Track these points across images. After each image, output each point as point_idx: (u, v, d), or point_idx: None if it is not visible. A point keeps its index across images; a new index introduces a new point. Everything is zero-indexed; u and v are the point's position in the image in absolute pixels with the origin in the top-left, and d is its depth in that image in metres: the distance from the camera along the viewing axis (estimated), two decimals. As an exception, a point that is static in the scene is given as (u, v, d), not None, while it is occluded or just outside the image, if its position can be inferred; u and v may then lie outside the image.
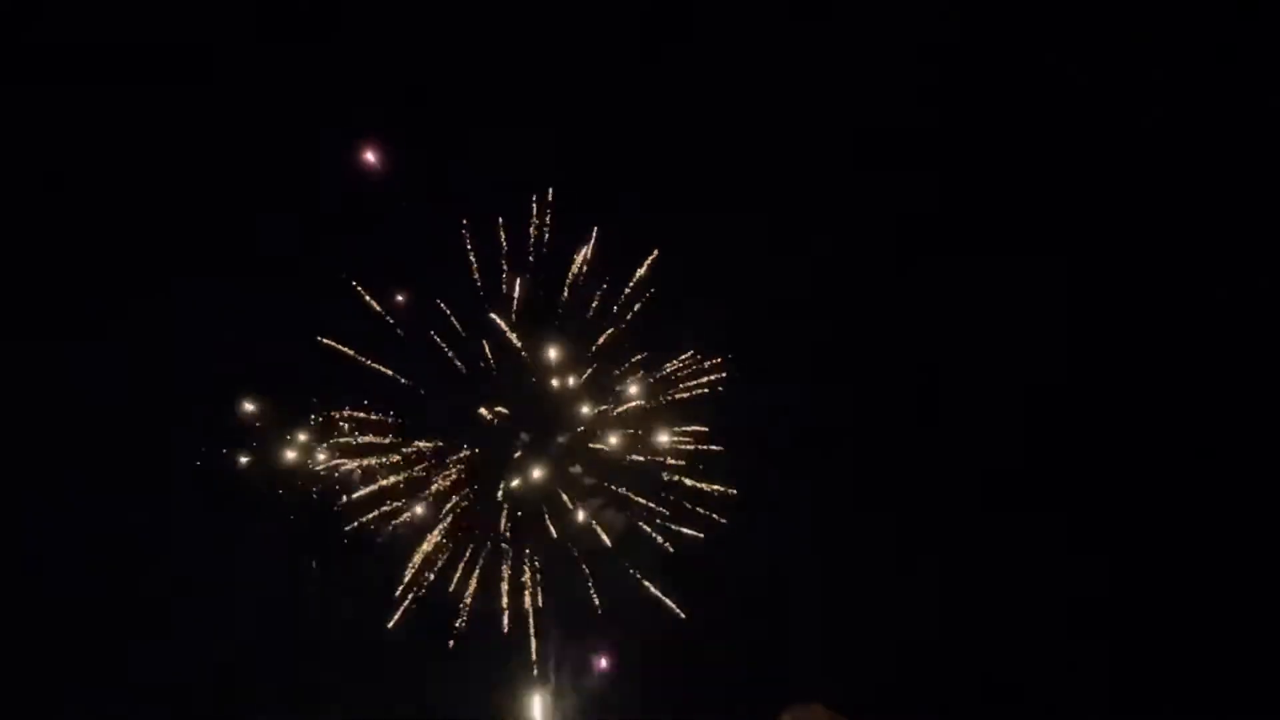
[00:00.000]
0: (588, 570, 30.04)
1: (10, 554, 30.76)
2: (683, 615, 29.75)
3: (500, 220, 30.44)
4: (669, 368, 30.71)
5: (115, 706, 30.26)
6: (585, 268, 30.38)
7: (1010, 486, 31.46)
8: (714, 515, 30.18)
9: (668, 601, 29.85)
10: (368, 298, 30.25)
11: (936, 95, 32.44)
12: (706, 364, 30.50)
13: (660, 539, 30.12)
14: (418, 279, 30.47)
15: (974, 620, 30.63)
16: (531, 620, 29.78)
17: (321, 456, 30.11)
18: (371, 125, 30.80)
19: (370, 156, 30.42)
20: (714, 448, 30.45)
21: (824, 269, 31.44)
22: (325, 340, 29.99)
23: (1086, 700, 30.36)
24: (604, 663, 30.47)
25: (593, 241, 30.44)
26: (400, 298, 30.16)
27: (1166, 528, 31.02)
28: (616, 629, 30.07)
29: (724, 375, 30.25)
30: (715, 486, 30.24)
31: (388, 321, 30.43)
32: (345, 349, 30.10)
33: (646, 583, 29.92)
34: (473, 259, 30.41)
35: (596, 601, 29.95)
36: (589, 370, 30.59)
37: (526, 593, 29.76)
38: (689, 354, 30.64)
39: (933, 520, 31.25)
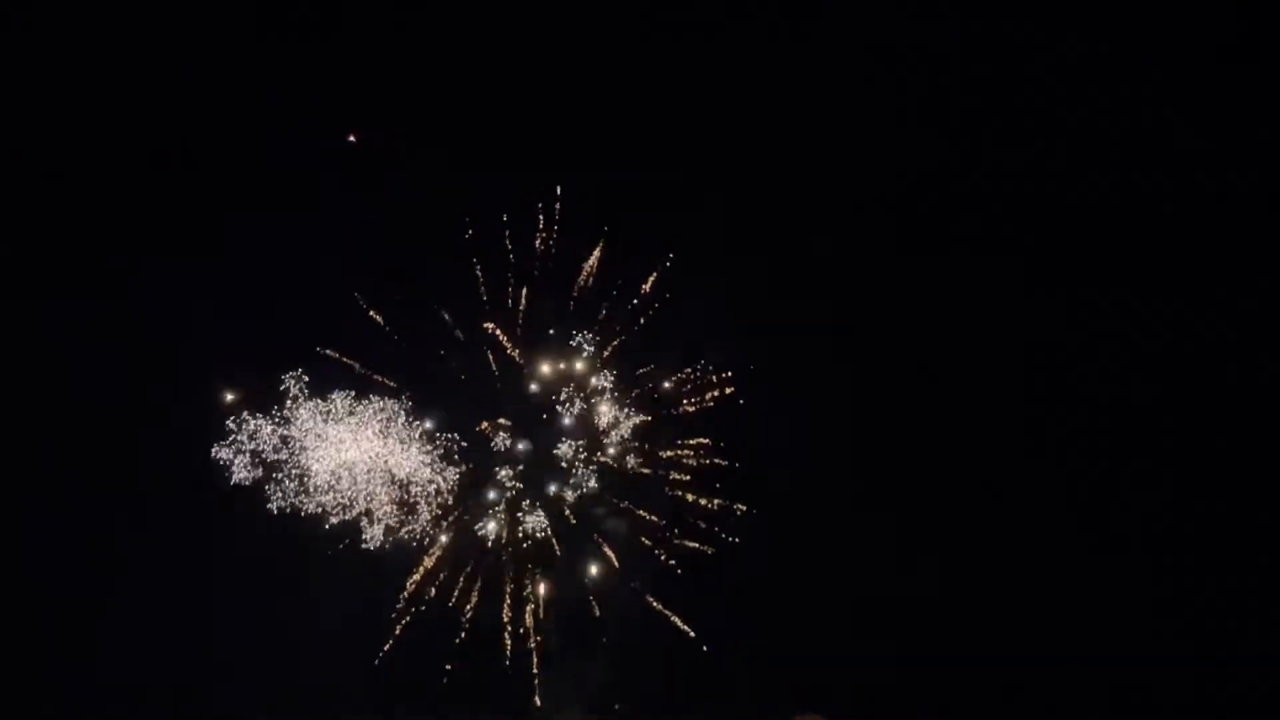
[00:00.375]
0: (590, 583, 30.24)
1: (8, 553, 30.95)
2: (690, 633, 29.87)
3: (505, 229, 30.35)
4: (675, 380, 30.71)
5: (115, 707, 30.42)
6: (591, 278, 30.33)
7: (1011, 492, 31.66)
8: (718, 530, 30.27)
9: (674, 618, 29.96)
10: (369, 309, 30.23)
11: (940, 98, 32.60)
12: (715, 378, 30.50)
13: (663, 554, 30.19)
14: (420, 288, 30.42)
15: (972, 625, 30.84)
16: (532, 632, 29.95)
17: (317, 466, 30.05)
18: (376, 131, 30.88)
19: (355, 140, 30.45)
20: (720, 461, 30.52)
21: (831, 275, 31.70)
22: (326, 351, 30.03)
23: (1086, 700, 30.67)
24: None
25: (599, 249, 30.38)
26: (403, 308, 30.23)
27: (1165, 528, 31.27)
28: (619, 641, 30.19)
29: (731, 390, 30.12)
30: (718, 501, 30.34)
31: (388, 332, 30.43)
32: (346, 359, 30.16)
33: (650, 598, 30.06)
34: (478, 270, 30.49)
35: (599, 613, 30.18)
36: (595, 381, 30.54)
37: (529, 610, 29.89)
38: (696, 366, 30.62)
39: (932, 527, 31.45)
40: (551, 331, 30.82)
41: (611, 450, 30.47)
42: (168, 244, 31.23)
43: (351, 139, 30.49)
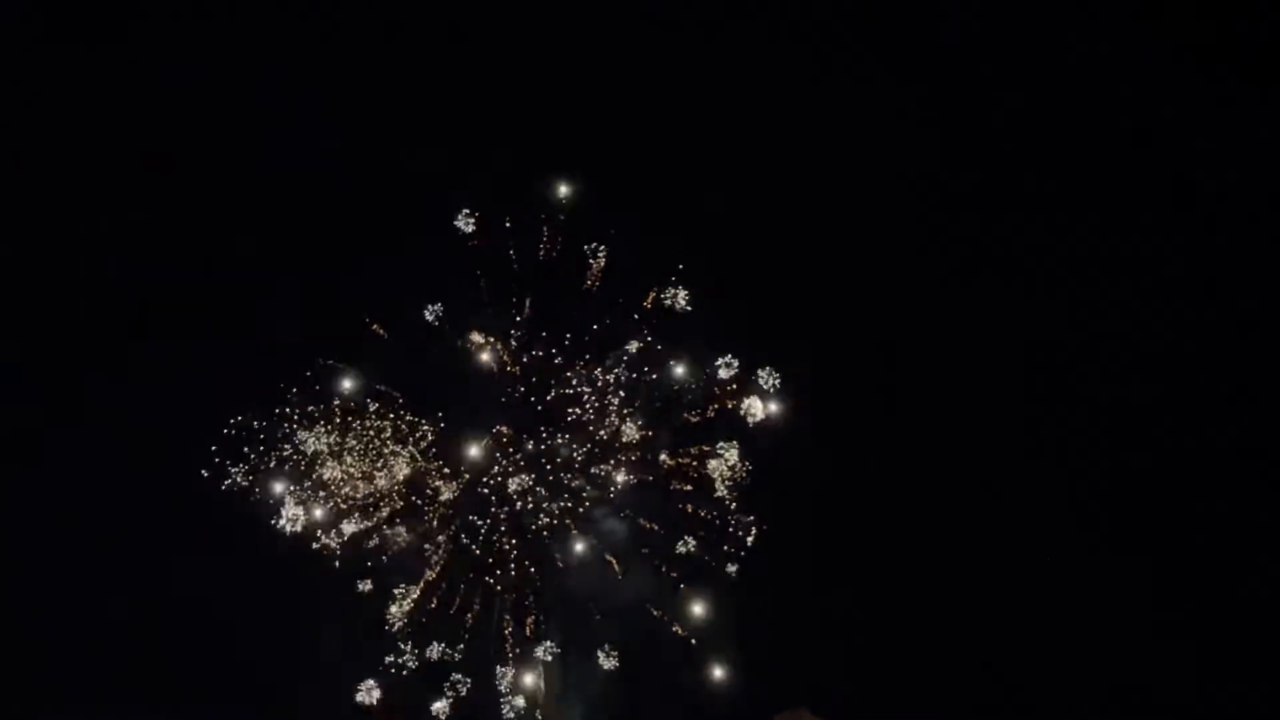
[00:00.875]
0: (588, 584, 30.22)
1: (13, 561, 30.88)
2: (683, 632, 29.85)
3: (510, 235, 30.25)
4: (679, 388, 30.58)
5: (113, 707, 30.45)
6: (597, 285, 30.29)
7: (1010, 494, 31.78)
8: (716, 537, 30.25)
9: (672, 623, 29.99)
10: (371, 320, 30.17)
11: (942, 104, 32.60)
12: (718, 387, 30.33)
13: (662, 565, 30.19)
14: (421, 294, 30.36)
15: (959, 628, 31.08)
16: (534, 639, 29.99)
17: (318, 477, 29.98)
18: (376, 137, 30.83)
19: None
20: (719, 467, 30.40)
21: (833, 278, 31.69)
22: (328, 360, 29.89)
23: (1085, 700, 30.84)
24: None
25: (604, 255, 30.26)
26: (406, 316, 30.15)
27: (1164, 529, 31.44)
28: (614, 639, 30.19)
29: (734, 403, 29.99)
30: (716, 508, 30.37)
31: (391, 342, 30.33)
32: (348, 368, 30.02)
33: (650, 606, 30.10)
34: (481, 277, 30.34)
35: (598, 616, 30.16)
36: (599, 389, 30.45)
37: (529, 621, 29.90)
38: (703, 374, 30.44)
39: (924, 531, 31.59)
40: (550, 333, 30.83)
41: (614, 458, 30.40)
42: (168, 249, 31.20)
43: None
